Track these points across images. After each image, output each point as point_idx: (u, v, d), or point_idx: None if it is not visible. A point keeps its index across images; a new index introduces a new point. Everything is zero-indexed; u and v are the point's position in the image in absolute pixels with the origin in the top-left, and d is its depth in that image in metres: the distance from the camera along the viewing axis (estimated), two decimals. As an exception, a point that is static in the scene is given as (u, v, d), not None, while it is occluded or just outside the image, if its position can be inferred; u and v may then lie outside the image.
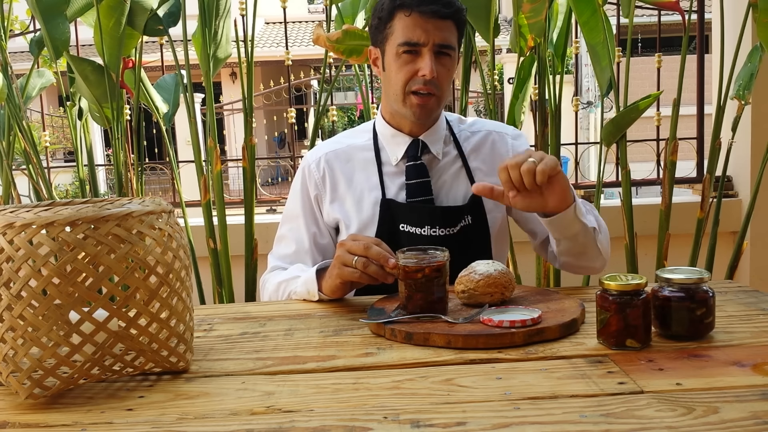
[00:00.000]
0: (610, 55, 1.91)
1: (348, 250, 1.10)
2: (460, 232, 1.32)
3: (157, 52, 2.52)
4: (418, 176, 1.34)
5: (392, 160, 1.36)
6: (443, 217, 1.31)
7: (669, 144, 2.00)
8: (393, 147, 1.37)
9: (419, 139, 1.35)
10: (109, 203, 0.81)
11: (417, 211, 1.31)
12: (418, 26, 1.24)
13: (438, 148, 1.37)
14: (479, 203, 1.35)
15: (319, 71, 2.89)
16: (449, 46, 1.26)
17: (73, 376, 0.77)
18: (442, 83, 1.28)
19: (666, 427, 0.64)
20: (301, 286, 1.24)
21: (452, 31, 1.27)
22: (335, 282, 1.14)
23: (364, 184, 1.36)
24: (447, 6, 1.24)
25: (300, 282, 1.25)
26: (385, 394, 0.75)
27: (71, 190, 8.37)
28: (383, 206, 1.33)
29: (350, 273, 1.10)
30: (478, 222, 1.35)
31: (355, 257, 1.08)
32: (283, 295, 1.31)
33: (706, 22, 2.42)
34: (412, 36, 1.25)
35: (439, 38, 1.24)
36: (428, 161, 1.36)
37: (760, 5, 1.79)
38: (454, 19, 1.26)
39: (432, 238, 1.30)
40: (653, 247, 2.07)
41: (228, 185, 8.53)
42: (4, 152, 2.10)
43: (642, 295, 0.86)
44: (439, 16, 1.23)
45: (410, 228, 1.31)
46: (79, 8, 1.96)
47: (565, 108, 2.25)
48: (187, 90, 1.98)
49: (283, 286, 1.31)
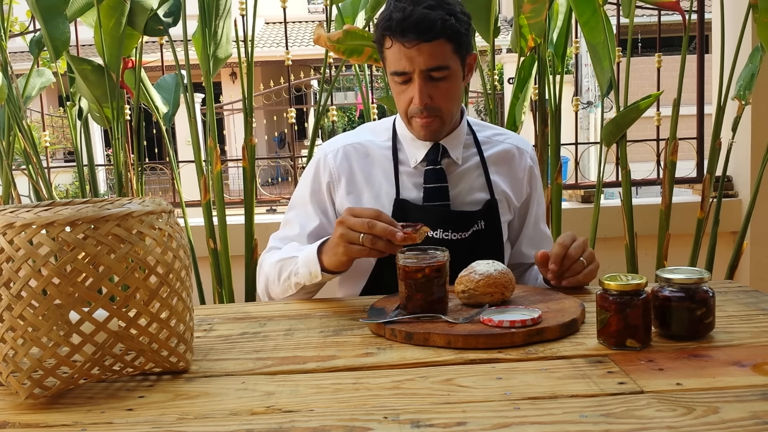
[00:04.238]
0: (611, 55, 1.91)
1: (351, 228, 1.08)
2: (472, 236, 1.32)
3: (157, 52, 2.52)
4: (437, 181, 1.33)
5: (411, 162, 1.35)
6: (456, 221, 1.31)
7: (669, 144, 2.00)
8: (413, 150, 1.35)
9: (440, 144, 1.34)
10: (109, 203, 0.81)
11: (431, 214, 1.31)
12: (402, 55, 1.21)
13: (458, 153, 1.35)
14: (494, 208, 1.35)
15: (319, 71, 2.89)
16: (439, 68, 1.22)
17: (73, 376, 0.77)
18: (440, 104, 1.26)
19: (666, 427, 0.64)
20: (302, 267, 1.22)
21: (442, 50, 1.21)
22: (341, 259, 1.12)
23: (382, 181, 1.35)
24: (426, 31, 1.18)
25: (300, 262, 1.22)
26: (385, 394, 0.75)
27: (71, 190, 8.37)
28: (397, 206, 1.32)
29: (358, 251, 1.08)
30: (491, 227, 1.34)
31: (360, 234, 1.07)
32: (282, 275, 1.27)
33: (706, 22, 2.42)
34: (398, 66, 1.23)
35: (424, 64, 1.21)
36: (447, 165, 1.34)
37: (760, 5, 1.79)
38: (443, 36, 1.20)
39: (444, 241, 1.29)
40: (653, 247, 2.07)
41: (228, 185, 8.53)
42: (4, 152, 2.10)
43: (642, 295, 0.86)
44: (422, 41, 1.19)
45: None
46: (79, 8, 1.96)
47: (565, 108, 2.25)
48: (187, 90, 1.98)
49: (279, 265, 1.28)
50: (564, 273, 1.18)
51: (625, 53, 2.08)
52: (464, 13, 1.26)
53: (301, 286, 1.24)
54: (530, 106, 2.14)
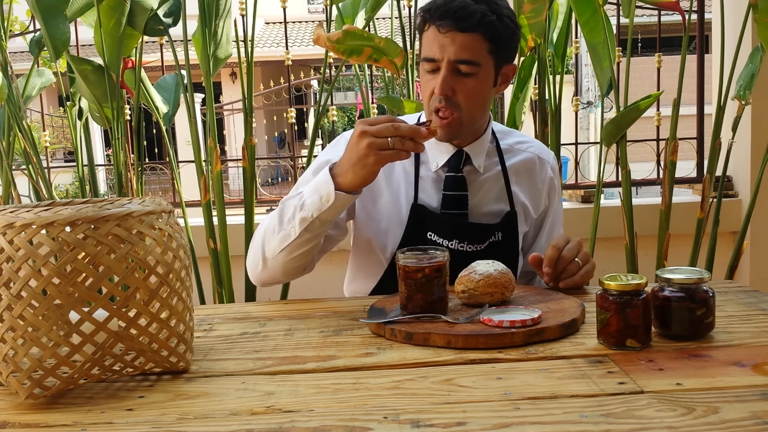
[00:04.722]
0: (611, 55, 1.91)
1: (376, 135, 1.06)
2: (488, 247, 1.29)
3: (157, 52, 2.51)
4: (457, 189, 1.30)
5: (432, 166, 1.32)
6: (473, 233, 1.28)
7: (669, 144, 2.00)
8: (435, 153, 1.32)
9: (463, 151, 1.31)
10: (109, 203, 0.81)
11: (448, 224, 1.28)
12: (435, 41, 1.18)
13: (480, 161, 1.32)
14: (512, 220, 1.32)
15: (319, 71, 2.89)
16: (468, 62, 1.18)
17: (73, 376, 0.77)
18: (462, 102, 1.21)
19: (666, 427, 0.64)
20: (310, 196, 1.15)
21: (476, 45, 1.17)
22: (372, 169, 1.09)
23: (401, 181, 1.32)
24: (463, 19, 1.15)
25: (308, 192, 1.16)
26: (385, 394, 0.75)
27: (71, 190, 8.37)
28: (413, 210, 1.29)
29: (390, 155, 1.07)
30: (508, 238, 1.32)
31: (388, 138, 1.06)
32: (284, 217, 1.19)
33: (706, 22, 2.42)
34: (429, 51, 1.20)
35: (454, 54, 1.17)
36: (468, 172, 1.31)
37: (760, 5, 1.79)
38: (480, 31, 1.16)
39: (459, 252, 1.26)
40: (653, 247, 2.07)
41: (228, 185, 8.52)
42: (4, 152, 2.10)
43: (642, 295, 0.86)
44: (458, 29, 1.16)
45: (438, 238, 1.28)
46: (79, 8, 1.96)
47: (565, 108, 2.25)
48: (187, 90, 1.98)
49: (281, 207, 1.21)
50: (560, 275, 1.17)
51: (625, 53, 2.08)
52: (512, 19, 1.22)
53: (308, 222, 1.15)
54: (530, 106, 2.14)
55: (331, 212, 1.14)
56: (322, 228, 1.18)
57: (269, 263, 1.24)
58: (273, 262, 1.23)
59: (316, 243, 1.22)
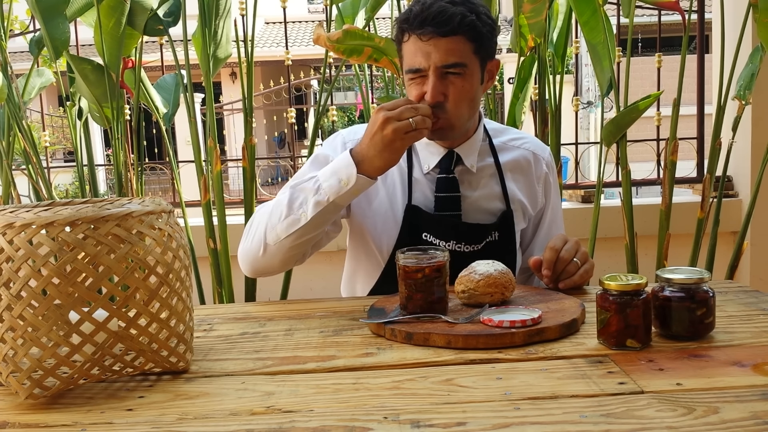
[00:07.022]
0: (611, 54, 1.91)
1: (399, 118, 1.10)
2: (485, 247, 1.29)
3: (157, 52, 2.51)
4: (448, 190, 1.30)
5: (423, 167, 1.32)
6: (470, 234, 1.28)
7: (669, 144, 2.00)
8: (426, 155, 1.32)
9: (454, 152, 1.31)
10: (109, 203, 0.81)
11: (443, 224, 1.28)
12: (418, 50, 1.18)
13: (472, 160, 1.31)
14: (509, 219, 1.32)
15: (319, 71, 2.89)
16: (455, 65, 1.18)
17: (73, 376, 0.77)
18: (452, 104, 1.21)
19: (666, 427, 0.64)
20: (328, 179, 1.14)
21: (460, 47, 1.18)
22: (401, 152, 1.13)
23: (396, 183, 1.32)
24: (444, 23, 1.15)
25: (324, 175, 1.15)
26: (385, 394, 0.75)
27: (71, 190, 8.37)
28: (408, 211, 1.29)
29: (415, 135, 1.12)
30: (505, 237, 1.32)
31: (410, 119, 1.10)
32: (294, 202, 1.18)
33: (706, 22, 2.42)
34: (413, 62, 1.19)
35: (440, 59, 1.17)
36: (460, 173, 1.31)
37: (760, 5, 1.79)
38: (462, 32, 1.17)
39: (456, 253, 1.26)
40: (653, 247, 2.07)
41: (228, 185, 8.53)
42: (4, 152, 2.10)
43: (642, 295, 0.86)
44: (440, 35, 1.16)
45: (434, 239, 1.28)
46: (79, 8, 1.96)
47: (565, 108, 2.25)
48: (187, 90, 1.98)
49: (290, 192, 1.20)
50: (559, 276, 1.17)
51: (625, 53, 2.08)
52: (488, 16, 1.22)
53: (322, 207, 1.15)
54: (530, 106, 2.14)
55: (347, 196, 1.16)
56: (332, 214, 1.19)
57: (270, 250, 1.23)
58: (275, 248, 1.22)
59: (321, 230, 1.23)
